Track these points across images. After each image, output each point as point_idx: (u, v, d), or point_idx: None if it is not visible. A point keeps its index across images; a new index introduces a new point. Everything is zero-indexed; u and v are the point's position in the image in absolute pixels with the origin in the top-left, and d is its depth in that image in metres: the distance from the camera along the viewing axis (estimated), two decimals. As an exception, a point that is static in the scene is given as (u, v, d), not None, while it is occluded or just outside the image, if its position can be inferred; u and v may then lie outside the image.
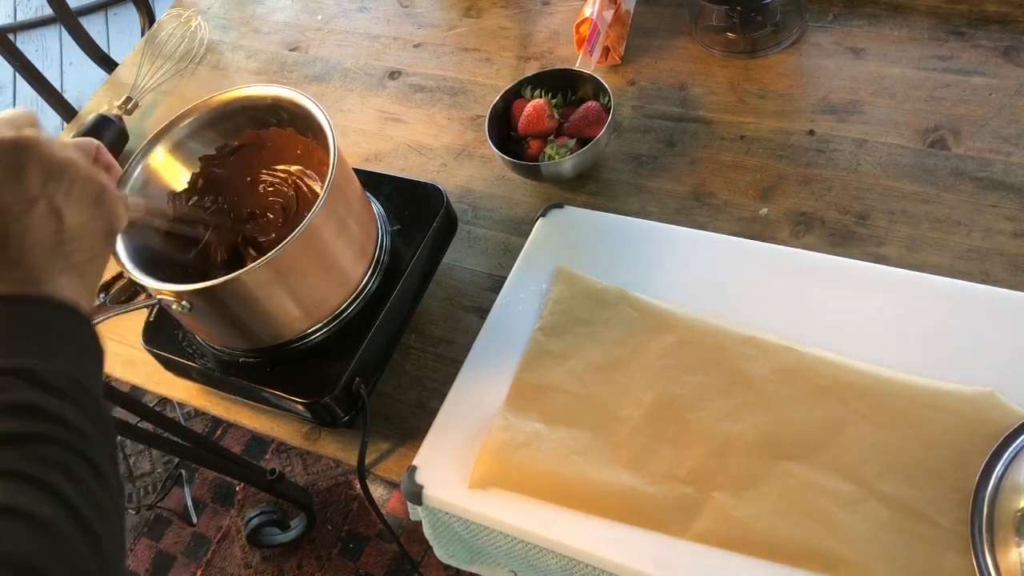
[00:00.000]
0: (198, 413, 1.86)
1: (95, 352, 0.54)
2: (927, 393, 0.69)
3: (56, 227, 0.53)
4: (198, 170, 0.86)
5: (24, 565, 0.40)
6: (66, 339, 0.51)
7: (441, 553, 0.81)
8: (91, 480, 0.46)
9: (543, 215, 0.90)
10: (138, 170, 0.82)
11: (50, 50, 2.98)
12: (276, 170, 0.88)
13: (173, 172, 0.85)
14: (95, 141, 0.62)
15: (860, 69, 0.95)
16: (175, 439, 1.45)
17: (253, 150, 0.86)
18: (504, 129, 0.97)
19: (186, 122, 0.84)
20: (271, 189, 0.87)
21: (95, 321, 0.55)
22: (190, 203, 0.86)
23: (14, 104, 2.89)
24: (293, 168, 0.87)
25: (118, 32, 2.91)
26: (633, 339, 0.78)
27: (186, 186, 0.86)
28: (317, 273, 0.78)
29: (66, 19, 1.66)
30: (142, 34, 1.47)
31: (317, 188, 0.85)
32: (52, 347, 0.50)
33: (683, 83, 1.01)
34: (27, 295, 0.51)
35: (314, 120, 0.80)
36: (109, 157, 0.64)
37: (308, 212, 0.74)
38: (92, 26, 2.75)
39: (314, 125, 0.80)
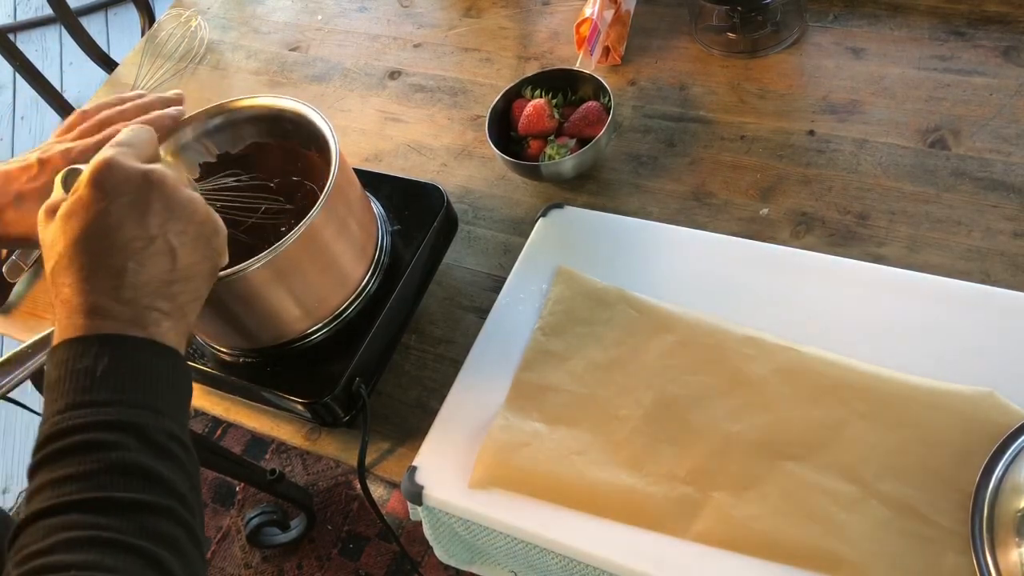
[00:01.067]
0: (198, 413, 1.85)
1: (189, 400, 0.54)
2: (927, 393, 0.69)
3: (170, 267, 0.53)
4: (197, 177, 0.86)
5: None
6: (170, 389, 0.51)
7: (441, 553, 0.81)
8: (194, 554, 0.45)
9: (543, 215, 0.90)
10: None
11: (50, 50, 2.98)
12: (280, 183, 0.87)
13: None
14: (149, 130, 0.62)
15: (860, 69, 0.95)
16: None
17: (253, 160, 0.86)
18: (504, 129, 0.97)
19: (189, 128, 0.84)
20: (273, 202, 0.87)
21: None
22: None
23: (14, 104, 2.89)
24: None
25: (118, 32, 2.91)
26: (633, 339, 0.78)
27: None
28: (317, 273, 0.78)
29: (66, 19, 1.66)
30: (142, 34, 1.47)
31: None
32: (158, 399, 0.49)
33: (683, 83, 1.01)
34: (135, 338, 0.50)
35: (314, 129, 0.79)
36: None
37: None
38: (92, 26, 2.75)
39: (316, 136, 0.79)
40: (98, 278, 0.50)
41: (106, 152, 0.53)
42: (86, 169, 0.53)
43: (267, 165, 0.87)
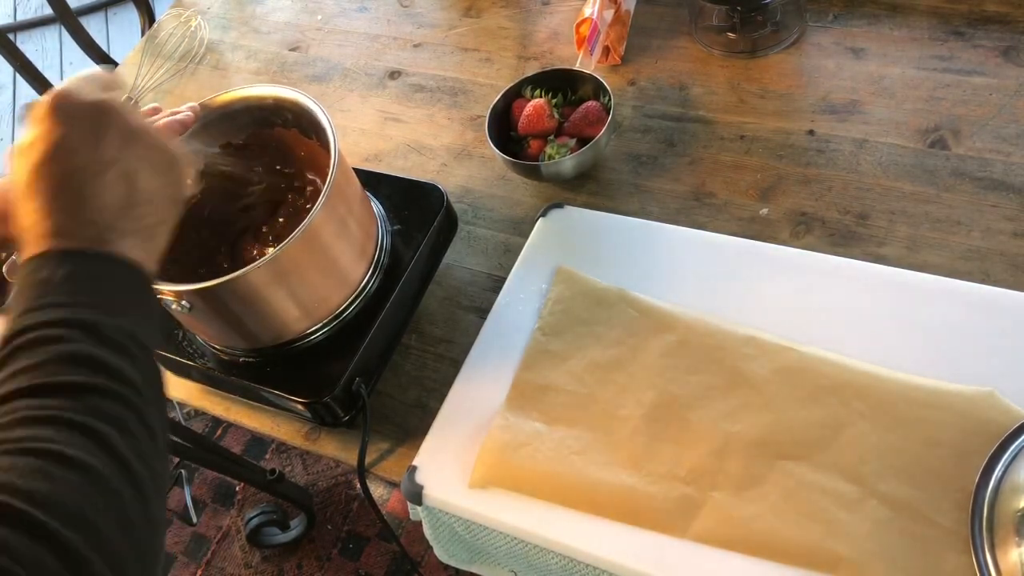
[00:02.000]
0: (198, 413, 1.86)
1: (154, 310, 0.56)
2: (927, 393, 0.69)
3: (128, 191, 0.54)
4: (201, 168, 0.86)
5: (75, 515, 0.41)
6: (130, 296, 0.52)
7: (441, 553, 0.80)
8: (144, 438, 0.47)
9: (543, 215, 0.90)
10: None
11: (50, 50, 2.98)
12: (282, 171, 0.88)
13: None
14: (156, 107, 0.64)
15: (860, 69, 0.95)
16: (175, 439, 1.45)
17: (256, 150, 0.86)
18: (504, 129, 0.97)
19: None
20: (275, 190, 0.87)
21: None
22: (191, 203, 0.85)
23: (14, 104, 2.89)
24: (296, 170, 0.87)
25: (118, 32, 2.91)
26: (633, 339, 0.78)
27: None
28: (317, 273, 0.78)
29: (66, 19, 1.66)
30: (142, 34, 1.47)
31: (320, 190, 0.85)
32: (116, 303, 0.51)
33: (683, 83, 1.01)
34: (97, 251, 0.52)
35: (315, 120, 0.80)
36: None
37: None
38: (92, 26, 2.75)
39: (318, 126, 0.80)
40: (58, 201, 0.52)
41: (64, 83, 0.56)
42: (44, 98, 0.55)
43: (269, 153, 0.87)
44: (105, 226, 0.53)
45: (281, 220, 0.89)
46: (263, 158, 0.87)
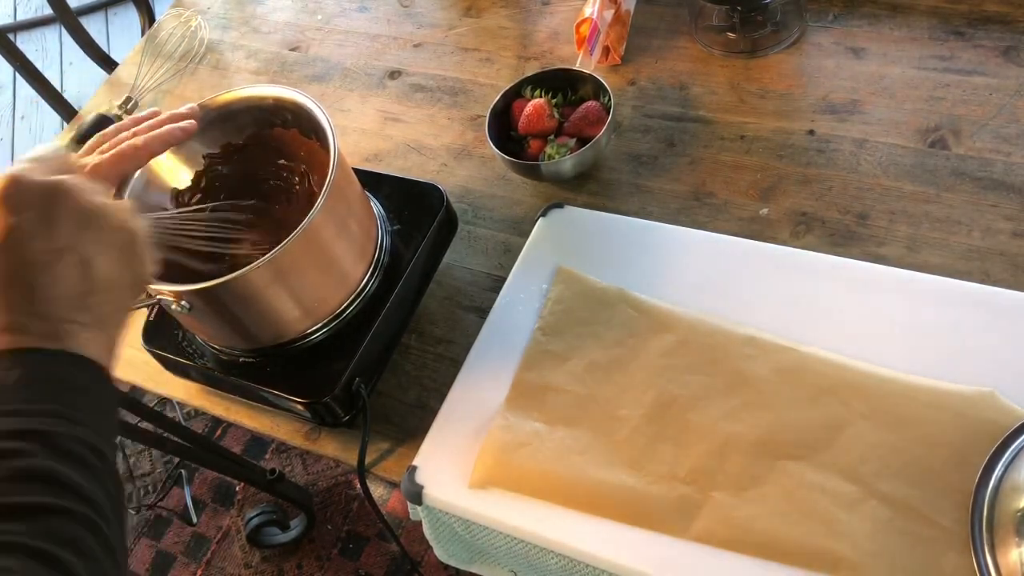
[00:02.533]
0: (198, 413, 1.86)
1: (112, 411, 0.53)
2: (927, 393, 0.69)
3: (83, 277, 0.51)
4: (201, 168, 0.86)
5: None
6: (86, 399, 0.50)
7: (441, 553, 0.80)
8: (103, 558, 0.45)
9: (543, 215, 0.90)
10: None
11: (50, 50, 2.98)
12: (281, 171, 0.87)
13: (174, 171, 0.85)
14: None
15: (860, 69, 0.95)
16: (175, 439, 1.45)
17: (257, 150, 0.86)
18: (504, 129, 0.97)
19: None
20: (275, 191, 0.87)
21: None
22: (193, 202, 0.85)
23: (14, 104, 2.89)
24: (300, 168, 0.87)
25: (118, 32, 2.91)
26: (633, 339, 0.78)
27: (189, 184, 0.85)
28: (317, 273, 0.78)
29: (66, 19, 1.66)
30: (142, 34, 1.47)
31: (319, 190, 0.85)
32: (72, 408, 0.48)
33: (683, 83, 1.01)
34: (49, 350, 0.49)
35: (314, 120, 0.80)
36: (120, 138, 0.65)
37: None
38: (92, 26, 2.75)
39: (318, 126, 0.80)
40: (10, 294, 0.49)
41: (12, 168, 0.52)
42: None
43: (268, 154, 0.87)
44: (59, 320, 0.50)
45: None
46: (263, 155, 0.87)
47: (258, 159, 0.87)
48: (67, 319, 0.50)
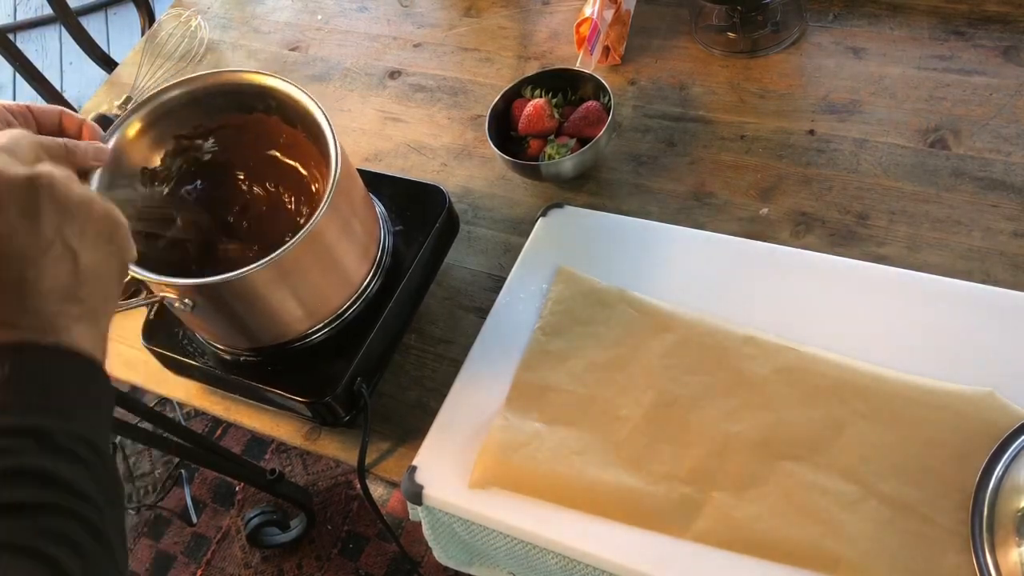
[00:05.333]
0: (198, 413, 1.86)
1: (107, 405, 0.52)
2: (927, 393, 0.69)
3: (71, 269, 0.50)
4: (171, 148, 0.83)
5: None
6: (81, 393, 0.49)
7: (440, 554, 0.80)
8: (99, 555, 0.44)
9: (543, 215, 0.90)
10: (112, 141, 0.78)
11: (50, 50, 2.98)
12: (259, 158, 0.85)
13: (145, 148, 0.82)
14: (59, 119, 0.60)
15: (860, 69, 0.95)
16: (175, 439, 1.45)
17: (231, 133, 0.83)
18: (504, 129, 0.97)
19: (168, 96, 0.81)
20: (252, 178, 0.84)
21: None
22: (163, 184, 0.82)
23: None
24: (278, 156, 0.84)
25: (118, 32, 2.91)
26: (633, 339, 0.78)
27: (159, 163, 0.82)
28: (320, 273, 0.78)
29: (66, 19, 1.66)
30: (142, 34, 1.47)
31: (303, 176, 0.82)
32: (66, 403, 0.48)
33: (683, 83, 1.01)
34: (42, 344, 0.48)
35: (304, 111, 0.78)
36: (76, 119, 0.64)
37: (293, 201, 0.72)
38: (92, 26, 2.75)
39: (304, 116, 0.78)
40: None
41: None
42: None
43: (243, 139, 0.84)
44: (50, 313, 0.49)
45: (262, 209, 0.87)
46: (239, 140, 0.83)
47: (234, 143, 0.84)
48: (59, 312, 0.49)
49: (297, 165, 0.86)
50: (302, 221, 0.85)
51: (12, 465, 0.44)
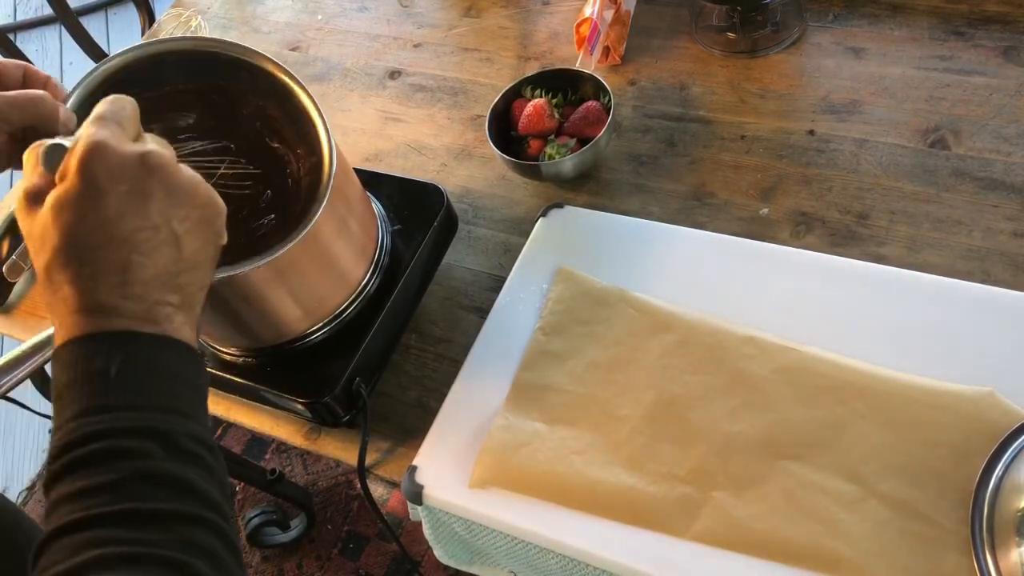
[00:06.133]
0: (198, 413, 1.85)
1: (207, 397, 0.51)
2: (927, 393, 0.69)
3: (175, 256, 0.48)
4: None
5: None
6: (190, 388, 0.48)
7: (440, 554, 0.80)
8: (231, 563, 0.43)
9: (543, 215, 0.90)
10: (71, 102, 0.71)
11: (50, 50, 2.98)
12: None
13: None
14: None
15: (860, 69, 0.95)
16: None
17: (192, 101, 0.74)
18: (504, 129, 0.97)
19: (126, 60, 0.73)
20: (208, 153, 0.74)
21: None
22: None
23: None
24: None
25: (118, 32, 2.91)
26: (633, 339, 0.78)
27: None
28: (318, 273, 0.78)
29: (66, 18, 1.66)
30: (142, 34, 1.47)
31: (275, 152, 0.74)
32: (180, 401, 0.46)
33: (683, 83, 1.01)
34: (149, 333, 0.46)
35: (284, 86, 0.73)
36: (41, 75, 0.60)
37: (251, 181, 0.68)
38: (92, 26, 2.74)
39: (280, 90, 0.72)
40: (101, 274, 0.46)
41: (94, 133, 0.48)
42: (74, 153, 0.47)
43: (207, 108, 0.75)
44: (154, 302, 0.47)
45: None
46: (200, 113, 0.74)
47: (196, 109, 0.75)
48: (161, 300, 0.47)
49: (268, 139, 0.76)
50: (264, 207, 0.75)
51: (144, 468, 0.43)
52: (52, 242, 0.46)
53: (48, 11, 2.80)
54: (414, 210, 0.89)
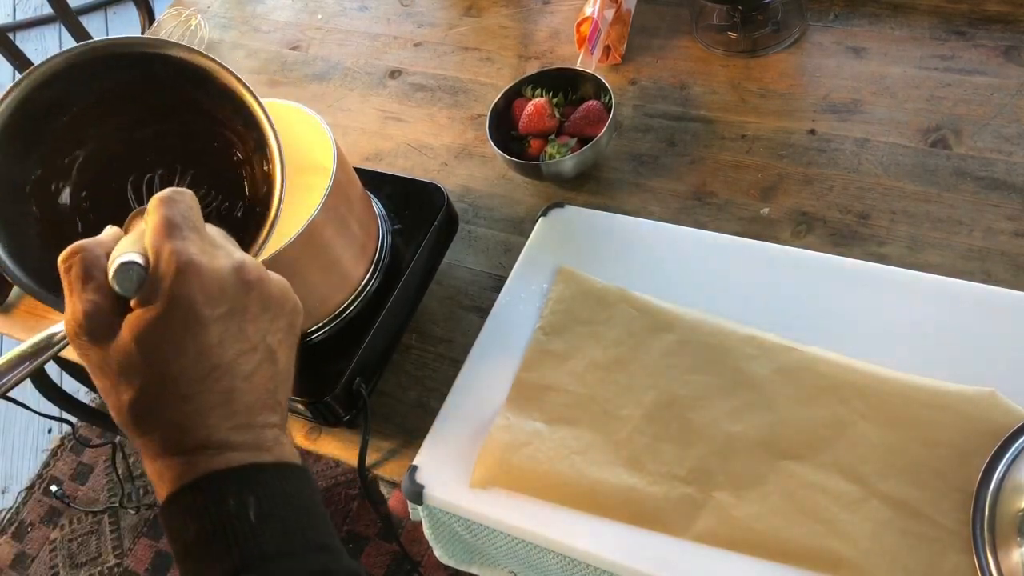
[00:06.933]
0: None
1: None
2: (928, 393, 0.69)
3: (272, 374, 0.45)
4: (51, 142, 0.66)
5: None
6: (321, 515, 0.44)
7: (441, 553, 0.80)
8: None
9: (544, 214, 0.90)
10: None
11: (50, 49, 2.98)
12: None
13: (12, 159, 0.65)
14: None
15: (861, 68, 0.95)
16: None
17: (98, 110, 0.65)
18: (505, 128, 0.97)
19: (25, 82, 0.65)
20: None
21: None
22: (61, 189, 0.66)
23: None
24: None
25: (118, 31, 2.91)
26: (634, 338, 0.78)
27: (38, 170, 0.65)
28: (318, 273, 0.78)
29: (66, 18, 1.66)
30: (142, 33, 1.47)
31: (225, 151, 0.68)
32: (321, 531, 0.43)
33: (684, 82, 1.01)
34: (266, 464, 0.43)
35: (201, 73, 0.64)
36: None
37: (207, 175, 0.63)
38: (92, 25, 2.75)
39: (223, 91, 0.64)
40: (207, 408, 0.42)
41: (181, 249, 0.42)
42: (163, 275, 0.42)
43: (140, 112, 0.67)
44: (260, 427, 0.44)
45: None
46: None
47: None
48: (267, 423, 0.44)
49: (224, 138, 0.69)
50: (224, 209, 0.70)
51: None
52: (143, 378, 0.41)
53: (48, 10, 2.79)
54: (414, 210, 0.89)
